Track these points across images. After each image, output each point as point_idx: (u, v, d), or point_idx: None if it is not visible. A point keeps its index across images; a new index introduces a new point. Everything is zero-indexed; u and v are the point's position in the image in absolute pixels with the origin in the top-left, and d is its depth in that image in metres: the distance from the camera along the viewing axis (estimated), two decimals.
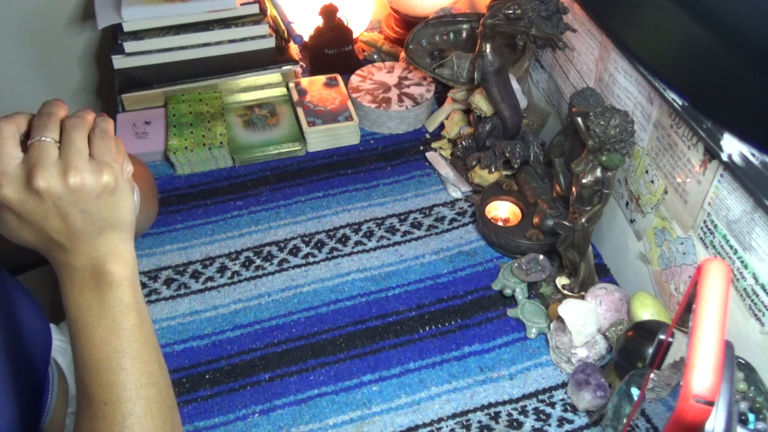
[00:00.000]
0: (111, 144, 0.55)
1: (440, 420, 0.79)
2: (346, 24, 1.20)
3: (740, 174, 0.66)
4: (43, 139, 0.52)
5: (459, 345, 0.86)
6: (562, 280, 0.90)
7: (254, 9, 1.19)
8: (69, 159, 0.52)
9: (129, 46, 1.14)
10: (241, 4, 1.18)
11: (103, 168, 0.53)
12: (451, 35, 1.18)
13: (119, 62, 1.15)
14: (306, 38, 1.22)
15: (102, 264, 0.54)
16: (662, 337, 0.60)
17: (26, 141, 0.53)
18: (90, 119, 0.56)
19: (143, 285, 0.92)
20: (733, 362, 0.53)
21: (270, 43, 1.21)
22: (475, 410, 0.80)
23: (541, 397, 0.81)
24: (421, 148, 1.13)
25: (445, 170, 1.07)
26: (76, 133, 0.53)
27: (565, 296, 0.88)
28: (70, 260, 0.54)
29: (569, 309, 0.81)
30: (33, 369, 0.68)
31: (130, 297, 0.55)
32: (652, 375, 0.63)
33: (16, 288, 0.69)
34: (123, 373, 0.54)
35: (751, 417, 0.63)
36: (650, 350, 0.63)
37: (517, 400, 0.81)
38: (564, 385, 0.82)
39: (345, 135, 1.13)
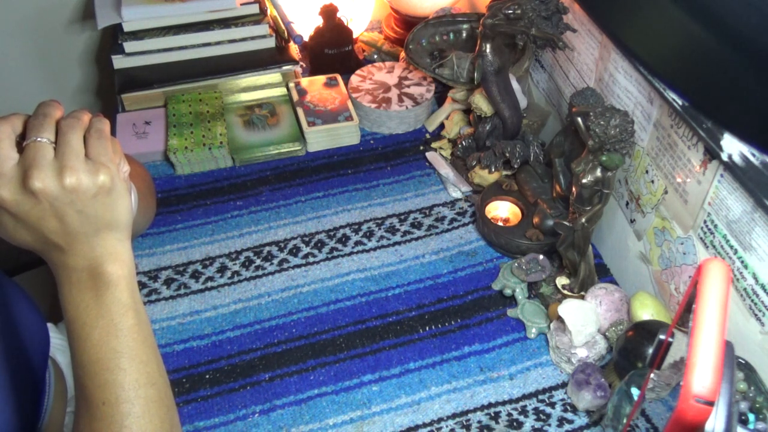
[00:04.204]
0: (107, 144, 0.55)
1: (440, 420, 0.79)
2: (346, 24, 1.20)
3: (740, 174, 0.66)
4: (38, 139, 0.52)
5: (459, 345, 0.86)
6: (562, 280, 0.90)
7: (254, 9, 1.19)
8: (65, 159, 0.52)
9: (129, 46, 1.14)
10: (241, 4, 1.18)
11: (99, 168, 0.53)
12: (451, 35, 1.18)
13: (119, 62, 1.15)
14: (306, 38, 1.22)
15: (99, 264, 0.54)
16: (662, 337, 0.60)
17: (22, 142, 0.53)
18: (86, 119, 0.55)
19: (143, 285, 0.92)
20: (733, 362, 0.53)
21: (270, 43, 1.21)
22: (475, 410, 0.80)
23: (541, 397, 0.81)
24: (421, 148, 1.13)
25: (445, 170, 1.07)
26: (72, 133, 0.53)
27: (565, 296, 0.88)
28: (67, 261, 0.54)
29: (569, 309, 0.81)
30: (31, 370, 0.68)
31: (127, 297, 0.55)
32: (652, 375, 0.63)
33: (12, 289, 0.68)
34: (121, 373, 0.54)
35: (751, 417, 0.63)
36: (650, 350, 0.63)
37: (517, 400, 0.81)
38: (564, 385, 0.82)
39: (345, 135, 1.13)
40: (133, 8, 1.13)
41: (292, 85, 1.18)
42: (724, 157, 0.67)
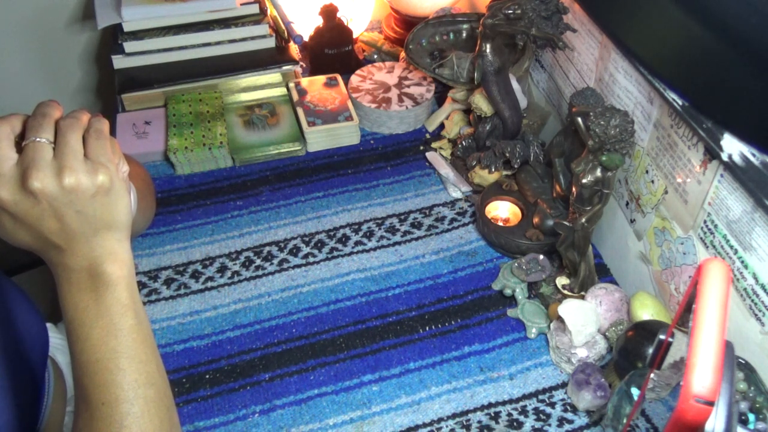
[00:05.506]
0: (106, 144, 0.55)
1: (440, 420, 0.79)
2: (346, 24, 1.20)
3: (740, 174, 0.66)
4: (37, 139, 0.52)
5: (459, 345, 0.86)
6: (562, 280, 0.90)
7: (254, 9, 1.19)
8: (64, 159, 0.52)
9: (129, 46, 1.14)
10: (241, 4, 1.18)
11: (98, 168, 0.53)
12: (451, 35, 1.18)
13: (119, 62, 1.15)
14: (306, 38, 1.22)
15: (98, 264, 0.54)
16: (662, 337, 0.60)
17: (21, 142, 0.53)
18: (85, 120, 0.55)
19: (143, 285, 0.92)
20: (733, 362, 0.53)
21: (270, 43, 1.21)
22: (475, 410, 0.80)
23: (541, 397, 0.81)
24: (421, 148, 1.13)
25: (445, 170, 1.07)
26: (71, 133, 0.53)
27: (565, 296, 0.88)
28: (67, 261, 0.54)
29: (569, 309, 0.81)
30: (30, 370, 0.68)
31: (127, 297, 0.55)
32: (652, 375, 0.63)
33: (11, 289, 0.69)
34: (120, 373, 0.54)
35: (751, 417, 0.63)
36: (650, 350, 0.63)
37: (517, 400, 0.81)
38: (564, 385, 0.82)
39: (345, 135, 1.13)
40: (133, 8, 1.13)
41: (292, 85, 1.18)
42: (724, 157, 0.67)
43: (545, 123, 1.10)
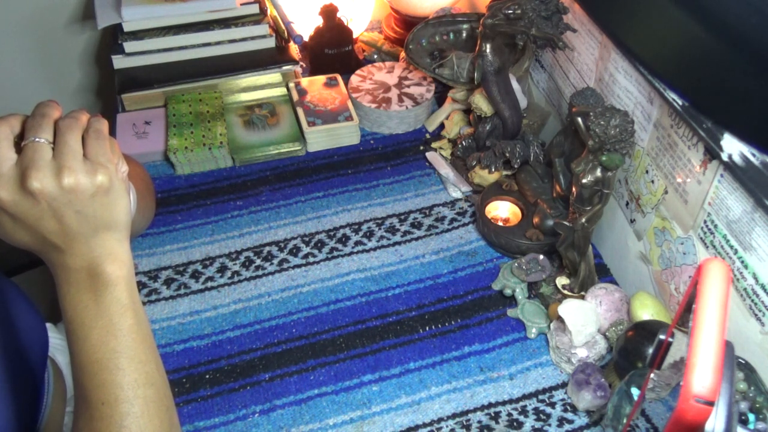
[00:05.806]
0: (105, 144, 0.55)
1: (440, 420, 0.79)
2: (346, 24, 1.20)
3: (740, 174, 0.66)
4: (36, 140, 0.52)
5: (459, 345, 0.86)
6: (562, 280, 0.90)
7: (254, 9, 1.19)
8: (63, 159, 0.52)
9: (129, 46, 1.14)
10: (241, 4, 1.18)
11: (98, 168, 0.53)
12: (451, 35, 1.18)
13: (119, 62, 1.15)
14: (306, 38, 1.22)
15: (98, 264, 0.54)
16: (662, 337, 0.60)
17: (20, 142, 0.53)
18: (84, 120, 0.56)
19: (143, 285, 0.92)
20: (733, 362, 0.53)
21: (270, 43, 1.21)
22: (475, 410, 0.80)
23: (541, 397, 0.81)
24: (421, 148, 1.13)
25: (445, 170, 1.07)
26: (70, 133, 0.53)
27: (565, 296, 0.88)
28: (66, 261, 0.54)
29: (569, 309, 0.81)
30: (30, 369, 0.68)
31: (126, 297, 0.55)
32: (652, 375, 0.63)
33: (11, 289, 0.69)
34: (120, 373, 0.54)
35: (751, 417, 0.63)
36: (650, 350, 0.63)
37: (517, 400, 0.81)
38: (564, 385, 0.82)
39: (345, 135, 1.13)
40: (133, 8, 1.13)
41: (292, 85, 1.18)
42: (724, 157, 0.67)
43: (545, 123, 1.10)
